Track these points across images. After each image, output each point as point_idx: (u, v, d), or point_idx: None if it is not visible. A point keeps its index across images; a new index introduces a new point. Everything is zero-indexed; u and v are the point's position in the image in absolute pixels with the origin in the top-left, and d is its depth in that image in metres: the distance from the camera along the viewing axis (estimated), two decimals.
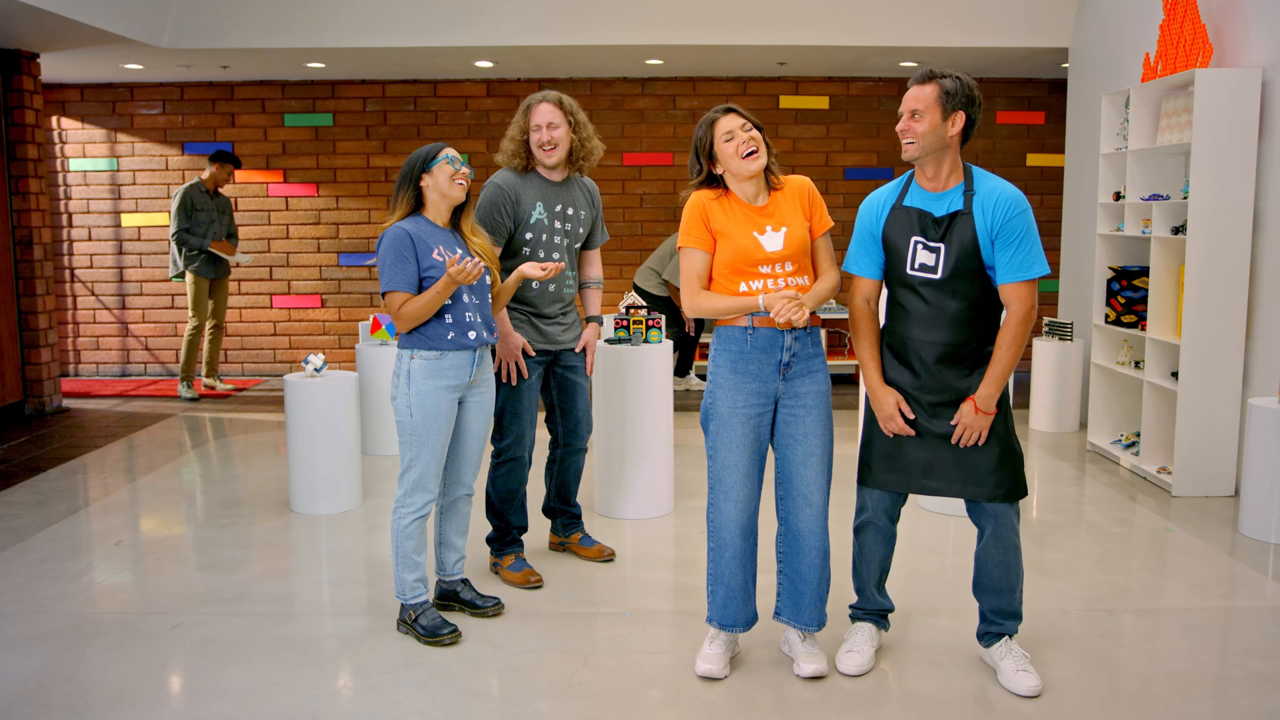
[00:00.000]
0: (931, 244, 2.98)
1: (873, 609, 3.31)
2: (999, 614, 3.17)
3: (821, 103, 8.82)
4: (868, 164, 8.89)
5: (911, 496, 5.11)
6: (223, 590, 3.95)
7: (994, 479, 3.02)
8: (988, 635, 3.20)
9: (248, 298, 9.07)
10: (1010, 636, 3.17)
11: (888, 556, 3.28)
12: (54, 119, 8.85)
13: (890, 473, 3.13)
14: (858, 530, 3.26)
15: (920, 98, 2.93)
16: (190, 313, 7.78)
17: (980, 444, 3.02)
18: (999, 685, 3.09)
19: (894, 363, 3.11)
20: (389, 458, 5.99)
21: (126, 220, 8.98)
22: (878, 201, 3.11)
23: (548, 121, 3.80)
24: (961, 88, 2.93)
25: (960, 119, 2.93)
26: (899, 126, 2.97)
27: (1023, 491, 3.05)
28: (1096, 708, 2.98)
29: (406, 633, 3.47)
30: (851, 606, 3.36)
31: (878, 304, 3.19)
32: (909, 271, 3.02)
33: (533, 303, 3.92)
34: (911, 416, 3.07)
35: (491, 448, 3.99)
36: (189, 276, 7.73)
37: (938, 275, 2.98)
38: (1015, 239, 2.93)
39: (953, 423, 3.02)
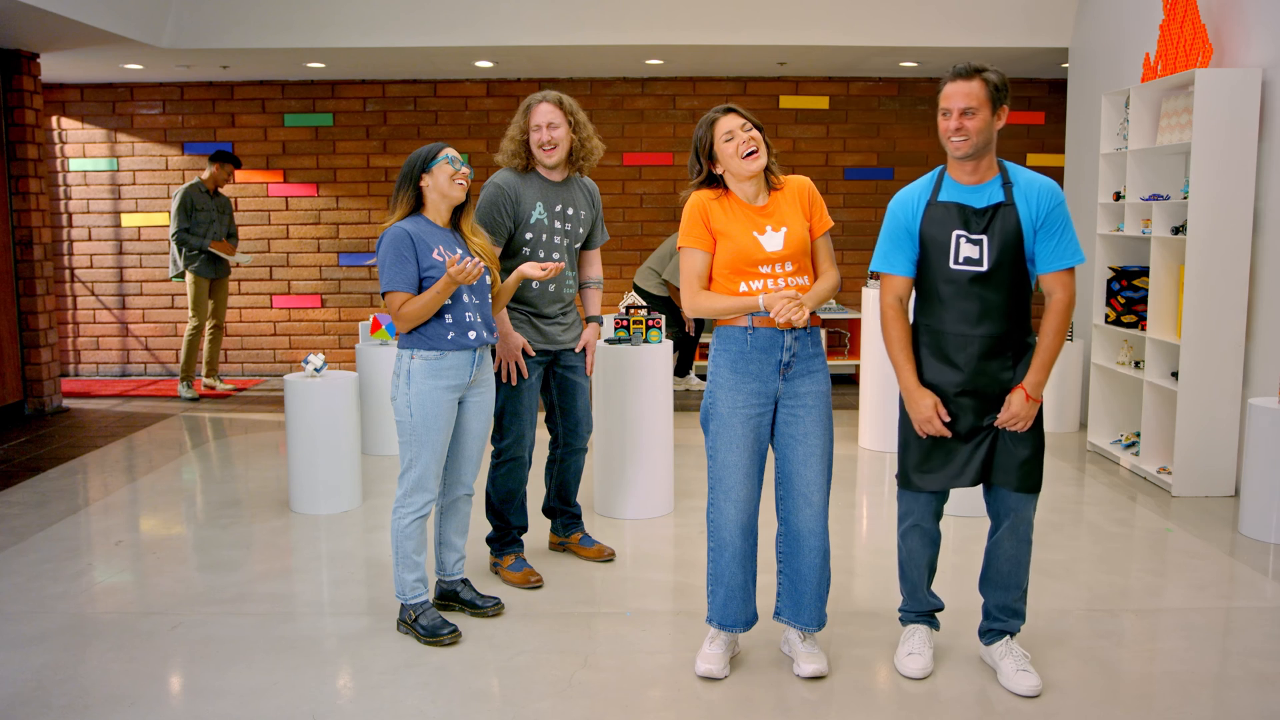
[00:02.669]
0: (974, 236, 2.95)
1: (925, 610, 3.28)
2: (1004, 611, 3.16)
3: (821, 103, 8.82)
4: (868, 164, 8.89)
5: None
6: (223, 590, 3.95)
7: (1026, 468, 3.02)
8: (990, 633, 3.20)
9: (248, 298, 9.07)
10: (1012, 635, 3.17)
11: (935, 557, 3.25)
12: (54, 119, 8.85)
13: (934, 473, 3.09)
14: (904, 535, 3.21)
15: (971, 94, 2.89)
16: (190, 313, 7.78)
17: (1021, 433, 3.01)
18: (999, 685, 3.09)
19: (933, 362, 3.05)
20: (389, 458, 5.99)
21: (126, 220, 8.98)
22: (911, 198, 3.06)
23: (548, 121, 3.80)
24: (1002, 80, 2.94)
25: (1005, 112, 2.95)
26: (951, 125, 2.91)
27: (1041, 485, 3.07)
28: (1096, 708, 2.98)
29: (406, 633, 3.47)
30: (902, 610, 3.32)
31: (909, 303, 3.14)
32: (952, 266, 2.97)
33: (533, 303, 3.92)
34: (949, 419, 3.03)
35: (491, 448, 3.99)
36: (189, 276, 7.73)
37: (983, 267, 2.95)
38: (1058, 228, 2.95)
39: (1002, 413, 2.99)
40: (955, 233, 2.96)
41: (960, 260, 2.96)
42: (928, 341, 3.06)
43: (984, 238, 2.94)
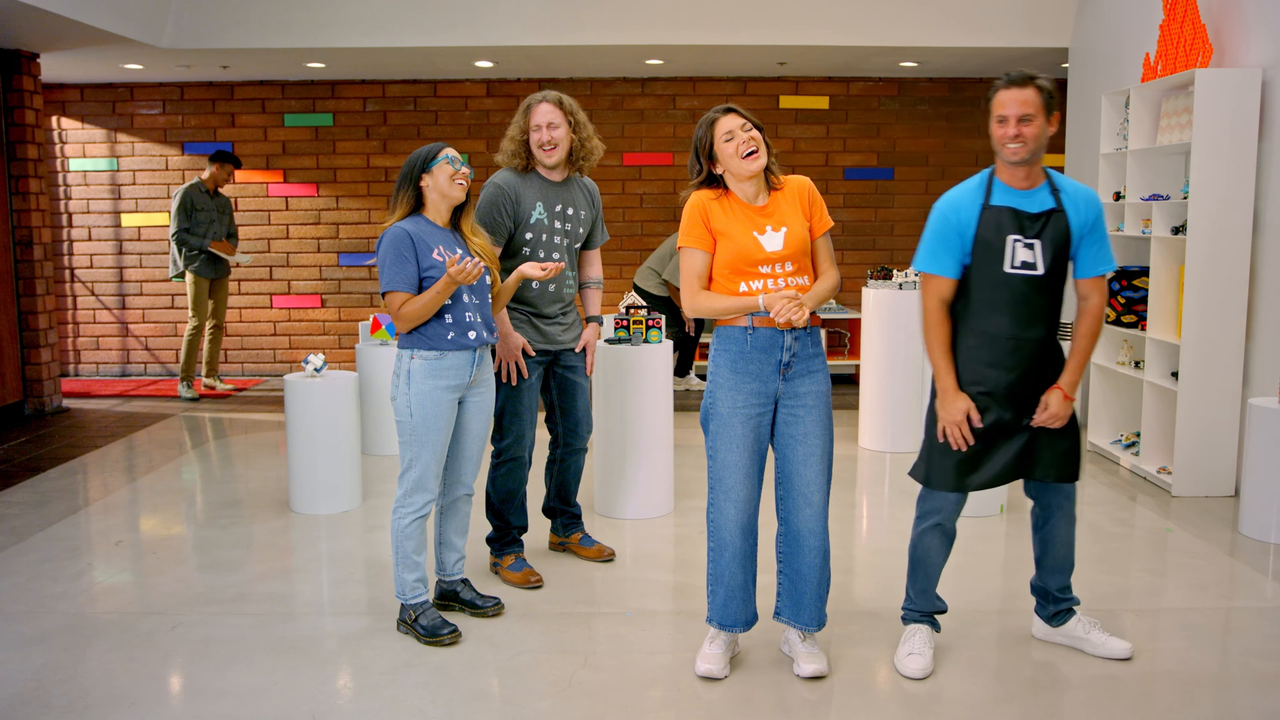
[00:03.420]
0: (1029, 241, 3.00)
1: (931, 610, 3.31)
2: (1066, 591, 3.31)
3: (821, 103, 8.82)
4: (868, 164, 8.88)
5: (911, 496, 5.11)
6: (223, 590, 3.95)
7: (1067, 459, 3.14)
8: (1059, 615, 3.33)
9: (248, 298, 9.07)
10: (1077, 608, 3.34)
11: (948, 557, 3.30)
12: (54, 119, 8.85)
13: (975, 473, 3.12)
14: (924, 534, 3.23)
15: (1028, 101, 2.94)
16: (190, 313, 7.78)
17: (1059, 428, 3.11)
18: (1088, 656, 3.26)
19: (979, 365, 3.07)
20: (389, 458, 5.99)
21: (126, 220, 8.98)
22: (964, 200, 3.08)
23: (548, 121, 3.80)
24: (1053, 87, 3.01)
25: (1056, 119, 3.00)
26: (1008, 132, 2.96)
27: (1080, 472, 3.22)
28: (1097, 708, 2.98)
29: (406, 633, 3.47)
30: (906, 609, 3.33)
31: (950, 305, 3.15)
32: (1008, 270, 3.01)
33: (533, 303, 3.92)
34: (980, 425, 3.06)
35: (491, 448, 3.99)
36: (189, 276, 7.73)
37: (1039, 271, 3.01)
38: (1100, 235, 3.07)
39: (1041, 413, 3.07)
40: (1010, 237, 3.00)
41: (1016, 264, 3.01)
42: (975, 345, 3.09)
43: (1037, 242, 3.00)
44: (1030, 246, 3.00)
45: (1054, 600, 3.33)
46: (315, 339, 9.11)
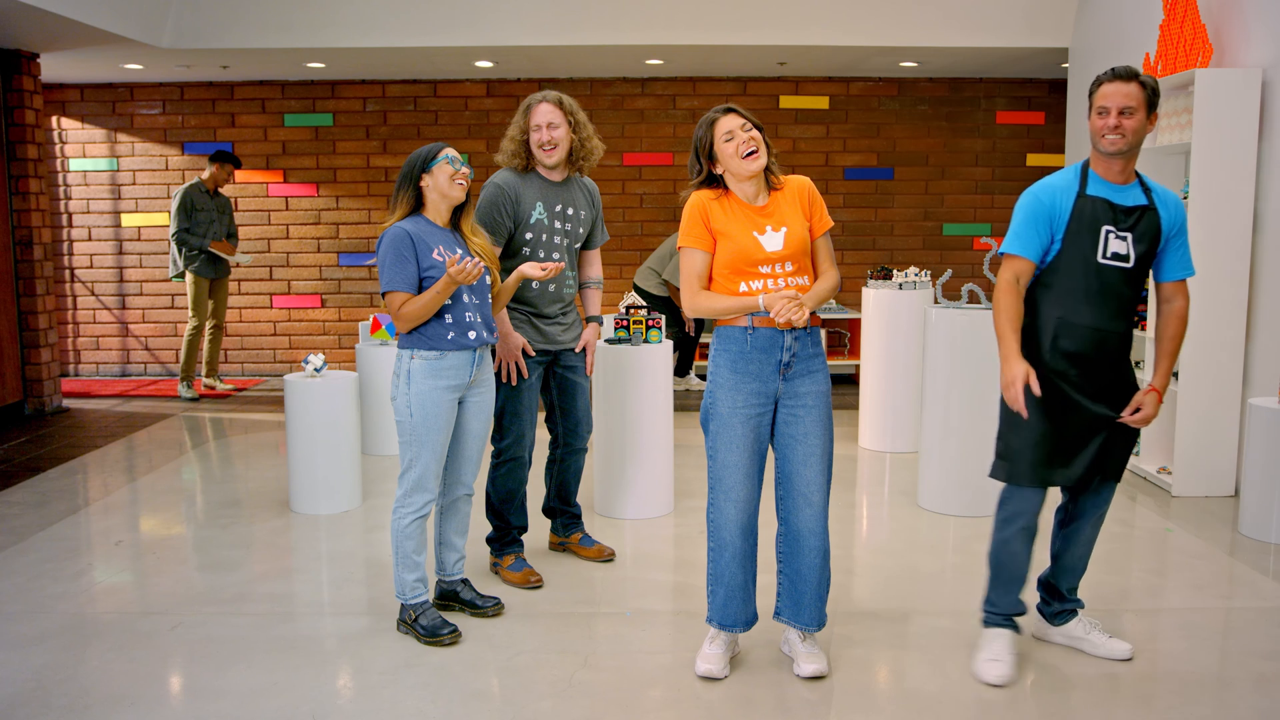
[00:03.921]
0: (1121, 233, 3.02)
1: (1013, 612, 3.25)
2: (1074, 591, 3.33)
3: (821, 103, 8.82)
4: (867, 164, 8.88)
5: (911, 495, 5.12)
6: (223, 590, 3.95)
7: (1124, 460, 3.16)
8: (1062, 615, 3.33)
9: (248, 298, 9.07)
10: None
11: (1032, 554, 3.25)
12: (54, 119, 8.85)
13: (1060, 468, 3.11)
14: (1012, 537, 3.17)
15: (1132, 95, 2.97)
16: (190, 313, 7.78)
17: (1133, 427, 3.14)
18: (1088, 656, 3.26)
19: (1062, 357, 3.06)
20: (389, 458, 5.99)
21: (126, 220, 8.98)
22: (1059, 187, 3.08)
23: (548, 121, 3.80)
24: (1156, 85, 3.03)
25: (1155, 118, 3.03)
26: (1108, 122, 2.98)
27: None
28: (1097, 707, 2.98)
29: (406, 633, 3.47)
30: (989, 612, 3.27)
31: (1031, 291, 3.14)
32: (1100, 260, 3.02)
33: (533, 303, 3.92)
34: (1038, 393, 3.01)
35: (491, 448, 3.99)
36: (189, 276, 7.73)
37: (1129, 264, 3.04)
38: (1184, 239, 3.12)
39: (1136, 413, 3.07)
40: (1104, 228, 3.02)
41: (1108, 255, 3.03)
42: (1058, 334, 3.06)
43: (1129, 235, 3.03)
44: (1123, 238, 3.02)
45: (1060, 599, 3.33)
46: (315, 339, 9.11)
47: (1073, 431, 3.09)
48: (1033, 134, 8.83)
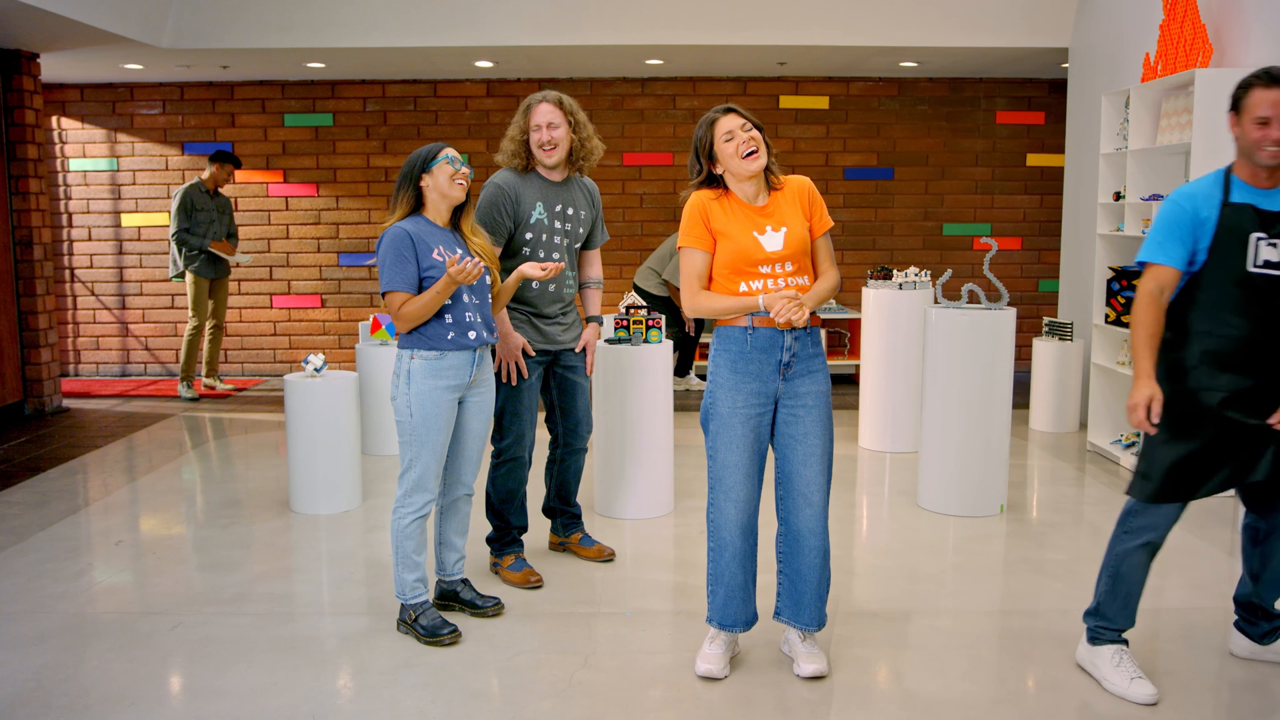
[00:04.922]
0: (1273, 240, 2.88)
1: (1126, 627, 3.14)
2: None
3: (821, 103, 8.82)
4: (868, 164, 8.88)
5: (911, 495, 5.12)
6: (223, 590, 3.95)
7: None
8: (1272, 634, 3.20)
9: (248, 298, 9.07)
10: None
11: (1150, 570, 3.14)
12: (54, 119, 8.85)
13: (1205, 482, 2.97)
14: (1131, 552, 3.06)
15: None
16: (190, 313, 7.78)
17: None
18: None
19: (1214, 371, 2.92)
20: (389, 458, 5.99)
21: (126, 220, 8.98)
22: (1202, 195, 2.94)
23: (548, 121, 3.80)
24: None
25: None
26: (1271, 134, 2.82)
27: None
28: (1096, 707, 2.98)
29: (406, 633, 3.47)
30: (1102, 628, 3.14)
31: (1169, 306, 3.01)
32: (1251, 268, 2.87)
33: (533, 303, 3.92)
34: (1156, 420, 2.92)
35: (491, 448, 3.99)
36: (189, 276, 7.73)
37: None
38: None
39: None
40: (1254, 235, 2.87)
41: (1259, 263, 2.87)
42: (1208, 349, 2.92)
43: (1278, 242, 2.88)
44: (1275, 245, 2.86)
45: (1269, 617, 3.19)
46: (315, 339, 9.11)
47: (1222, 449, 2.94)
48: (1033, 134, 8.83)
